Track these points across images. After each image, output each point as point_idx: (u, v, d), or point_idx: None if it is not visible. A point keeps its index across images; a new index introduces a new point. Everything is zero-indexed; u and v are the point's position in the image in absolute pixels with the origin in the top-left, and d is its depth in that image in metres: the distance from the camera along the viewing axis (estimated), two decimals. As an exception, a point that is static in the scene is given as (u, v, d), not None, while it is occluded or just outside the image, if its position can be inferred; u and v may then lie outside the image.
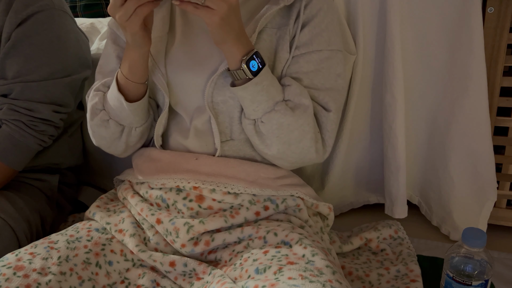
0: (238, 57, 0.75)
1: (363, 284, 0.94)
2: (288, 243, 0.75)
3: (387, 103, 1.07)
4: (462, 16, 0.99)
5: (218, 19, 0.69)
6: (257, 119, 0.80)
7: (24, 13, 0.95)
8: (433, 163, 1.13)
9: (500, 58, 1.02)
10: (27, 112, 0.97)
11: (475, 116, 1.03)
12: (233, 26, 0.72)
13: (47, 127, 1.00)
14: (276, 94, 0.79)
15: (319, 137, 0.83)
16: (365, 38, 1.06)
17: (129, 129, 0.88)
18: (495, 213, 1.12)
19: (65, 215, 1.15)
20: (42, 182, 1.09)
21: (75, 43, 1.05)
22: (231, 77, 0.79)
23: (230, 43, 0.74)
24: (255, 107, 0.78)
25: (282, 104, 0.79)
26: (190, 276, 0.79)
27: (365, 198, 1.25)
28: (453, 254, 0.88)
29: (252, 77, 0.76)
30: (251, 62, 0.76)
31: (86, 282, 0.76)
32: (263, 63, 0.77)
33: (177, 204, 0.84)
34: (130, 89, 0.83)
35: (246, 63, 0.75)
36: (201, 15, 0.70)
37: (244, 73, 0.76)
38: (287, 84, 0.81)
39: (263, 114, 0.79)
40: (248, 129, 0.82)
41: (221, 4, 0.68)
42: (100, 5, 1.69)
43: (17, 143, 0.97)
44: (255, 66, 0.76)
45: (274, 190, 0.85)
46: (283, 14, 0.84)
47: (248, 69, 0.76)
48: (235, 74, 0.77)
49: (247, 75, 0.76)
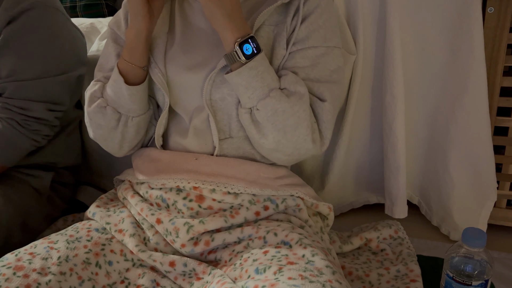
0: (231, 38, 0.76)
1: (363, 284, 0.94)
2: (288, 243, 0.75)
3: (387, 103, 1.07)
4: (462, 16, 0.99)
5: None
6: (252, 107, 0.79)
7: (15, 10, 0.94)
8: (433, 163, 1.13)
9: (500, 58, 1.02)
10: (20, 111, 0.97)
11: (475, 116, 1.03)
12: (225, 5, 0.74)
13: (41, 126, 1.00)
14: (271, 82, 0.78)
15: (315, 128, 0.82)
16: (365, 38, 1.06)
17: (126, 117, 0.88)
18: (495, 213, 1.12)
19: (57, 213, 1.15)
20: (34, 178, 1.08)
21: (69, 40, 1.04)
22: (227, 61, 0.78)
23: (222, 21, 0.75)
24: (250, 94, 0.78)
25: (277, 91, 0.78)
26: (190, 276, 0.79)
27: (365, 198, 1.25)
28: (453, 254, 0.88)
29: (245, 61, 0.76)
30: (245, 45, 0.75)
31: (86, 282, 0.76)
32: (258, 48, 0.77)
33: (177, 204, 0.84)
34: (128, 71, 0.85)
35: (239, 45, 0.75)
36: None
37: (238, 55, 0.76)
38: (284, 74, 0.81)
39: (258, 101, 0.78)
40: (244, 119, 0.81)
41: None
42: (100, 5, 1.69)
43: (9, 141, 0.97)
44: (249, 50, 0.76)
45: (274, 190, 0.85)
46: (280, 11, 0.84)
47: (241, 52, 0.75)
48: (229, 57, 0.77)
49: (240, 58, 0.76)
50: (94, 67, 0.94)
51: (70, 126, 1.16)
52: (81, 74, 1.09)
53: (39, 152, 1.08)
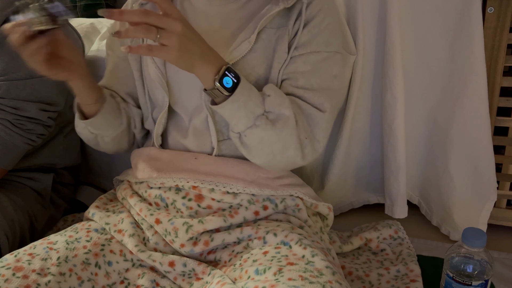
0: (210, 76, 0.73)
1: (363, 284, 0.94)
2: (287, 243, 0.75)
3: (387, 103, 1.06)
4: (462, 16, 0.99)
5: (176, 51, 0.67)
6: (241, 132, 0.79)
7: (10, 10, 0.94)
8: (433, 163, 1.13)
9: (500, 58, 1.02)
10: (13, 110, 0.96)
11: (475, 116, 1.03)
12: (194, 50, 0.70)
13: (34, 126, 0.99)
14: (255, 108, 0.77)
15: (307, 143, 0.81)
16: (365, 38, 1.06)
17: (101, 137, 0.93)
18: (495, 213, 1.12)
19: (60, 214, 1.15)
20: (35, 181, 1.08)
21: None
22: (210, 96, 0.77)
23: (198, 66, 0.72)
24: (235, 122, 0.77)
25: (262, 119, 0.77)
26: (190, 276, 0.79)
27: (365, 198, 1.25)
28: (453, 254, 0.88)
29: (228, 94, 0.74)
30: (224, 79, 0.73)
31: (86, 282, 0.75)
32: (237, 76, 0.75)
33: (176, 203, 0.84)
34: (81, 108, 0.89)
35: (219, 81, 0.73)
36: (158, 55, 0.68)
37: (220, 91, 0.74)
38: (267, 94, 0.79)
39: (245, 128, 0.77)
40: (234, 141, 0.81)
41: (171, 37, 0.66)
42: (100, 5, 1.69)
43: (4, 142, 0.97)
44: (230, 83, 0.74)
45: (273, 190, 0.85)
46: (282, 15, 0.84)
47: (222, 87, 0.74)
48: (211, 93, 0.75)
49: (223, 93, 0.74)
50: (94, 67, 0.95)
51: (68, 127, 1.15)
52: None
53: (37, 153, 1.08)
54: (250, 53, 0.81)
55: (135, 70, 0.93)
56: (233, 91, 0.74)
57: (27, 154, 1.05)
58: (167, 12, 0.68)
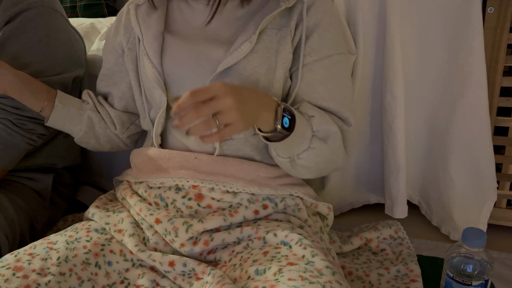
0: (270, 121, 0.74)
1: (363, 284, 0.94)
2: (287, 243, 0.75)
3: (387, 103, 1.06)
4: (462, 16, 0.99)
5: (241, 123, 0.68)
6: (293, 156, 0.81)
7: (13, 10, 0.94)
8: (433, 163, 1.13)
9: (500, 58, 1.02)
10: (14, 110, 0.96)
11: (475, 116, 1.03)
12: (252, 108, 0.70)
13: (35, 126, 0.99)
14: (307, 132, 0.78)
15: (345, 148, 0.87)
16: (365, 38, 1.06)
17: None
18: (495, 213, 1.12)
19: (60, 214, 1.15)
20: (35, 182, 1.08)
21: (66, 41, 1.04)
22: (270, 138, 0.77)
23: (259, 118, 0.73)
24: (291, 150, 0.80)
25: (315, 140, 0.79)
26: (190, 276, 0.79)
27: (365, 198, 1.25)
28: (453, 254, 0.88)
29: (288, 133, 0.75)
30: (283, 120, 0.74)
31: (86, 282, 0.75)
32: (291, 113, 0.76)
33: (176, 202, 0.84)
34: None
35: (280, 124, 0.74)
36: (229, 135, 0.68)
37: (281, 133, 0.75)
38: (310, 115, 0.80)
39: (300, 152, 0.80)
40: (282, 164, 0.84)
41: (231, 115, 0.66)
42: (100, 5, 1.69)
43: (5, 141, 0.97)
44: (287, 122, 0.75)
45: (273, 189, 0.85)
46: (283, 14, 0.84)
47: (283, 129, 0.74)
48: (271, 136, 0.76)
49: (283, 133, 0.75)
50: (93, 68, 0.95)
51: (68, 127, 1.16)
52: (78, 75, 1.08)
53: (38, 153, 1.08)
54: (251, 53, 0.81)
55: (131, 71, 0.93)
56: (292, 128, 0.75)
57: (27, 154, 1.05)
58: (210, 94, 0.67)
